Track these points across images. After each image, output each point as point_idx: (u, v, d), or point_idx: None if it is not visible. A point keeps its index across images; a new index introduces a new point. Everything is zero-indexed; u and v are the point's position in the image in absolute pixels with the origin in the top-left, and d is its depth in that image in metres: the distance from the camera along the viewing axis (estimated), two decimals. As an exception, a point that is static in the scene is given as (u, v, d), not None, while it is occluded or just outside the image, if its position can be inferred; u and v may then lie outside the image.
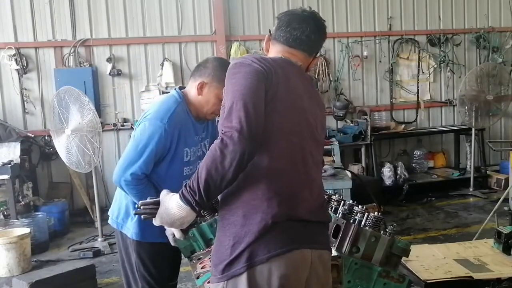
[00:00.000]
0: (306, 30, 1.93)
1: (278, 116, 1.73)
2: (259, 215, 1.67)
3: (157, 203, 1.79)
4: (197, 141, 2.58)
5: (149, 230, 2.34)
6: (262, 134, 1.66)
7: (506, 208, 4.77)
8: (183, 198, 1.67)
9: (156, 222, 1.80)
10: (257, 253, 1.65)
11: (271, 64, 1.78)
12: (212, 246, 2.20)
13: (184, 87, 2.62)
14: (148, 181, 2.41)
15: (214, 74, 2.48)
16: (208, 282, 1.95)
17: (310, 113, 1.87)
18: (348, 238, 1.95)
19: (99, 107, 6.68)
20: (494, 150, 7.67)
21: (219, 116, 2.06)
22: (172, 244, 2.16)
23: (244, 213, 1.68)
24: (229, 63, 2.51)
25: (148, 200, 1.87)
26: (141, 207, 1.86)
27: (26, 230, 5.09)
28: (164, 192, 1.81)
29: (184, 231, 2.04)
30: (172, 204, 1.72)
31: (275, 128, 1.73)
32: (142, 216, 1.87)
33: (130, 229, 2.51)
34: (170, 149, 2.42)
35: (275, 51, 1.97)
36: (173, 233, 2.02)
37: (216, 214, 2.29)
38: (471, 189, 7.25)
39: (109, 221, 2.66)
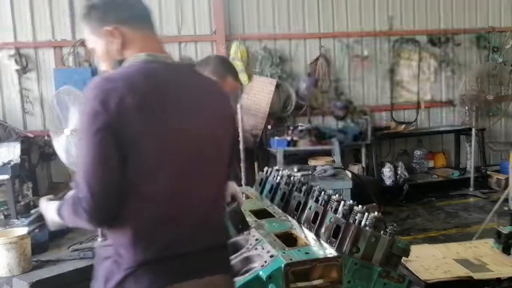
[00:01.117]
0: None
1: (145, 156, 1.47)
2: (128, 257, 1.52)
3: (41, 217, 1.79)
4: None
5: None
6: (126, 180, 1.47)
7: (506, 208, 4.77)
8: (59, 215, 1.65)
9: (52, 228, 1.79)
10: None
11: (123, 90, 1.45)
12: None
13: None
14: None
15: (216, 70, 2.55)
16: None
17: (196, 127, 1.58)
18: (348, 238, 1.95)
19: (99, 107, 6.66)
20: (494, 150, 7.66)
21: None
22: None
23: (115, 251, 1.55)
24: (228, 60, 2.51)
25: (31, 218, 1.92)
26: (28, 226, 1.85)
27: (26, 230, 5.09)
28: (43, 202, 1.79)
29: None
30: (52, 216, 1.70)
31: (146, 167, 1.49)
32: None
33: None
34: None
35: (131, 48, 1.62)
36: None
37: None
38: (471, 189, 7.24)
39: None
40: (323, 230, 2.14)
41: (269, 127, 7.20)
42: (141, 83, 1.49)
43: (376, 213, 2.01)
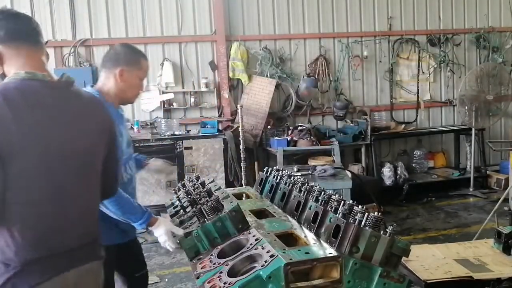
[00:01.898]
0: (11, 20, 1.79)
1: (20, 168, 1.67)
2: (14, 256, 1.70)
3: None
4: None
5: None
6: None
7: (506, 208, 4.76)
8: None
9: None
10: (17, 286, 1.69)
11: (0, 104, 1.63)
12: (217, 246, 2.21)
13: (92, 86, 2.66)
14: None
15: (130, 58, 2.57)
16: (208, 282, 1.95)
17: (70, 139, 1.80)
18: (348, 238, 1.94)
19: (99, 107, 6.67)
20: (494, 150, 7.67)
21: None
22: (174, 247, 2.38)
23: (3, 249, 1.70)
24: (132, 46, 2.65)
25: None
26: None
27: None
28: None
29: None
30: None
31: (23, 175, 1.69)
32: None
33: None
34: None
35: (10, 65, 1.78)
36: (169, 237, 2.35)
37: (219, 213, 2.30)
38: (471, 189, 7.25)
39: None
40: (323, 230, 2.14)
41: (269, 127, 7.21)
42: (18, 99, 1.67)
43: (376, 213, 2.01)
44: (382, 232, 1.97)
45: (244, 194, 3.14)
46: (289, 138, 6.86)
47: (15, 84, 1.71)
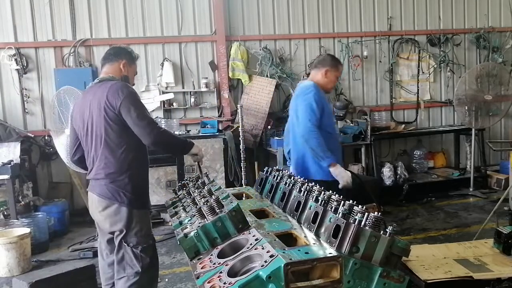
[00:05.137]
0: None
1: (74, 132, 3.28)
2: None
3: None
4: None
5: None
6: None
7: (506, 208, 4.77)
8: None
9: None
10: None
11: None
12: (217, 246, 2.21)
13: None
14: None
15: (332, 63, 3.94)
16: (208, 282, 1.95)
17: (85, 116, 3.08)
18: (348, 238, 1.94)
19: (99, 107, 6.66)
20: (494, 150, 7.67)
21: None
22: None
23: None
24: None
25: None
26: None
27: (26, 230, 5.09)
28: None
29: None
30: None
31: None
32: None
33: None
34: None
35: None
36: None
37: (218, 213, 2.30)
38: (471, 189, 7.25)
39: None
40: (323, 230, 2.14)
41: (269, 127, 7.21)
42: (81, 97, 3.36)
43: (376, 213, 2.01)
44: (382, 232, 1.97)
45: (244, 194, 3.14)
46: (289, 138, 6.85)
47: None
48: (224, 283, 1.86)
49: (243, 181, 6.09)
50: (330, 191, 2.34)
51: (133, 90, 3.06)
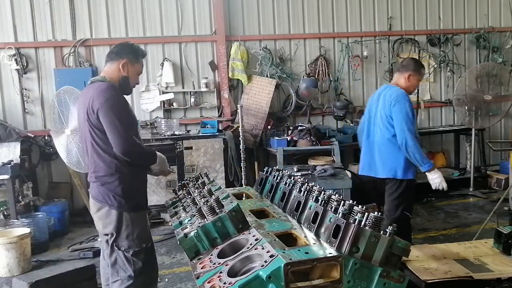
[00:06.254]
0: None
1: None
2: None
3: None
4: None
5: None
6: None
7: (506, 208, 4.78)
8: None
9: None
10: None
11: None
12: (217, 246, 2.21)
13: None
14: None
15: (415, 68, 4.19)
16: (208, 282, 1.95)
17: (79, 118, 3.07)
18: (348, 238, 1.94)
19: (99, 107, 6.66)
20: (494, 150, 7.66)
21: None
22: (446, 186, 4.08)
23: None
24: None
25: None
26: None
27: (26, 230, 5.09)
28: None
29: None
30: None
31: None
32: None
33: None
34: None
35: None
36: None
37: (218, 213, 2.30)
38: (471, 189, 7.24)
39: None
40: (323, 230, 2.14)
41: (269, 127, 7.21)
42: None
43: (376, 213, 2.01)
44: (382, 232, 1.97)
45: (244, 194, 3.15)
46: (289, 138, 6.86)
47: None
48: (224, 283, 1.86)
49: (243, 181, 6.09)
50: (330, 191, 2.34)
51: (115, 94, 2.92)
